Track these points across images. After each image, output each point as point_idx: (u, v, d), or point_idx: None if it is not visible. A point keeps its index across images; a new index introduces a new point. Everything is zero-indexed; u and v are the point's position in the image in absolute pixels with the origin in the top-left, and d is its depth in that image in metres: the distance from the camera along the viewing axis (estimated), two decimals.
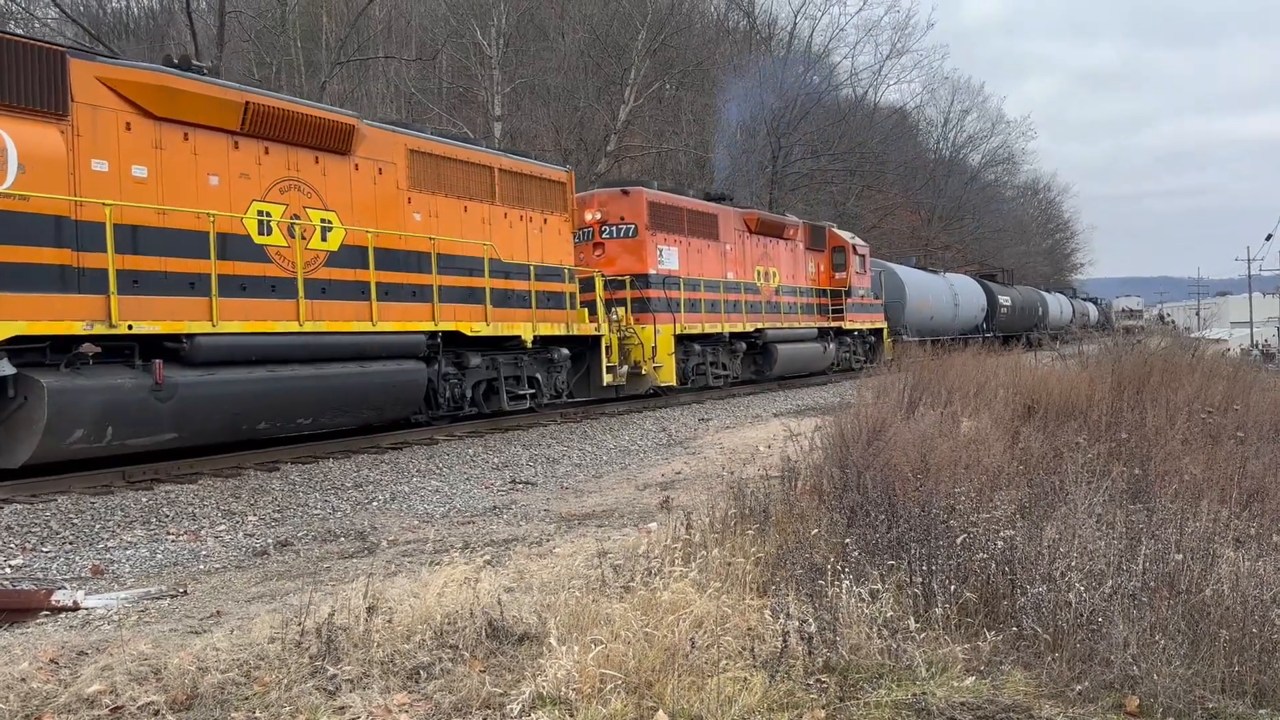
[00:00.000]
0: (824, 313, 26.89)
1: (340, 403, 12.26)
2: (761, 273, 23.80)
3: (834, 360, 27.28)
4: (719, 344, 21.53)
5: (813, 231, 27.35)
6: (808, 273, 26.58)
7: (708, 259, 21.42)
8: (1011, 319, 45.26)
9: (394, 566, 6.55)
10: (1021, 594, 4.52)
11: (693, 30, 44.43)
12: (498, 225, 15.40)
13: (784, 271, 25.07)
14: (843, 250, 28.17)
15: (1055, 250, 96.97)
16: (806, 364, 25.51)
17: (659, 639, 4.13)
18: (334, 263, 12.48)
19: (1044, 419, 9.93)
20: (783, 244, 25.11)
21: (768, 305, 23.82)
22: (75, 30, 28.72)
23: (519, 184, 16.05)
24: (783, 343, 23.77)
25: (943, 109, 69.32)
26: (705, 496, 8.33)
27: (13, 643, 4.80)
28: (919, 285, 35.47)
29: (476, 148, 15.85)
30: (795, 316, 25.21)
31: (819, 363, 26.19)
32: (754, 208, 26.30)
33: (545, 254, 16.39)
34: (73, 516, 8.62)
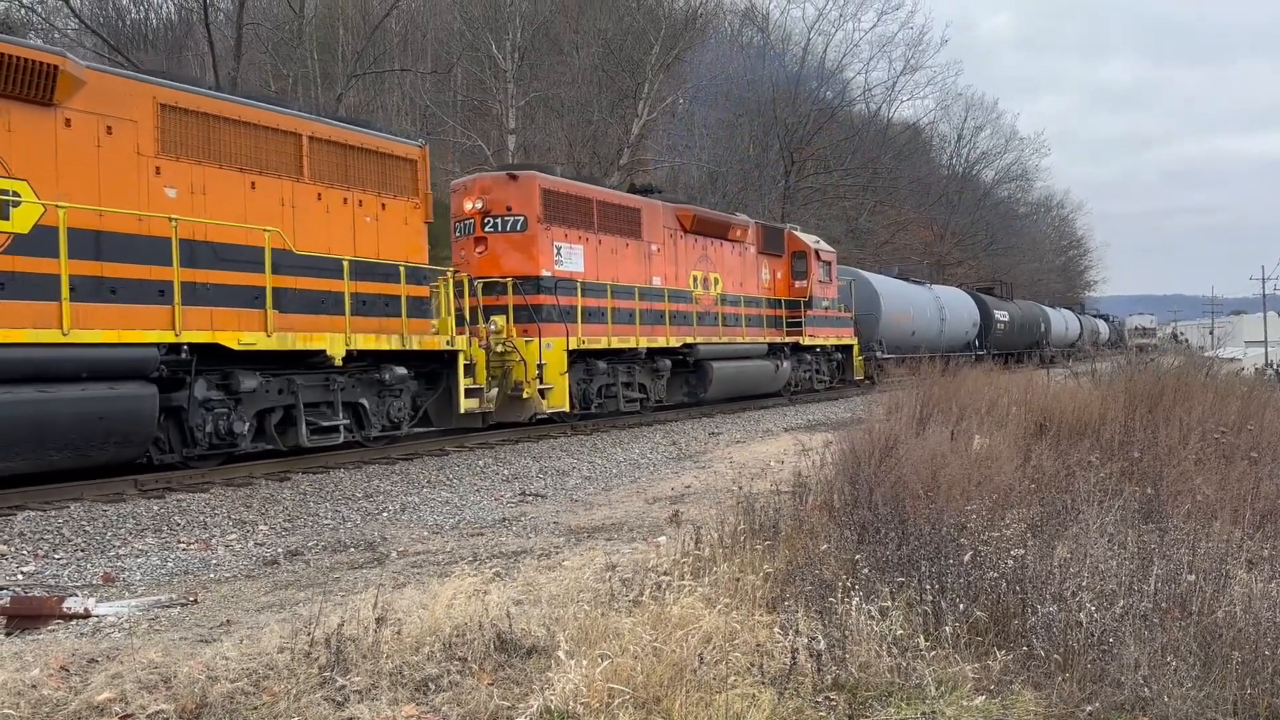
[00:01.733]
0: (780, 326, 23.55)
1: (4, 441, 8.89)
2: (699, 279, 20.64)
3: (789, 380, 23.91)
4: (635, 362, 18.31)
5: (767, 233, 23.96)
6: (761, 280, 23.34)
7: (626, 261, 18.27)
8: (1009, 335, 42.69)
9: (403, 578, 6.56)
10: (1032, 613, 4.50)
11: (707, 45, 44.56)
12: (305, 208, 12.04)
13: (730, 278, 21.83)
14: (803, 255, 24.82)
15: (1069, 267, 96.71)
16: (752, 385, 22.23)
17: (667, 654, 4.12)
18: (21, 249, 9.19)
19: (1056, 437, 9.89)
20: (728, 246, 21.89)
21: (705, 317, 20.63)
22: (94, 41, 29.01)
23: (343, 158, 12.68)
24: (720, 360, 20.44)
25: (956, 125, 69.35)
26: (715, 511, 8.31)
27: (24, 649, 4.82)
28: (897, 296, 32.31)
29: (276, 108, 12.26)
30: (741, 330, 21.84)
31: (769, 383, 22.82)
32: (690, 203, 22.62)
33: (381, 247, 13.04)
34: (85, 524, 8.66)
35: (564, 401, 15.86)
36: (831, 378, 26.58)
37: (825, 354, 26.15)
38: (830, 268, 26.15)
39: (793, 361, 24.04)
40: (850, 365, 27.29)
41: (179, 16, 41.60)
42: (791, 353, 23.98)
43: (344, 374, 12.45)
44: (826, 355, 26.27)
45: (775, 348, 23.12)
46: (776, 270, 24.21)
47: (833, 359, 26.63)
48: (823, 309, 25.51)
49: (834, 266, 26.53)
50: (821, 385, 25.96)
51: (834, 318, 26.36)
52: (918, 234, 57.98)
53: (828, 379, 26.38)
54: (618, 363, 17.82)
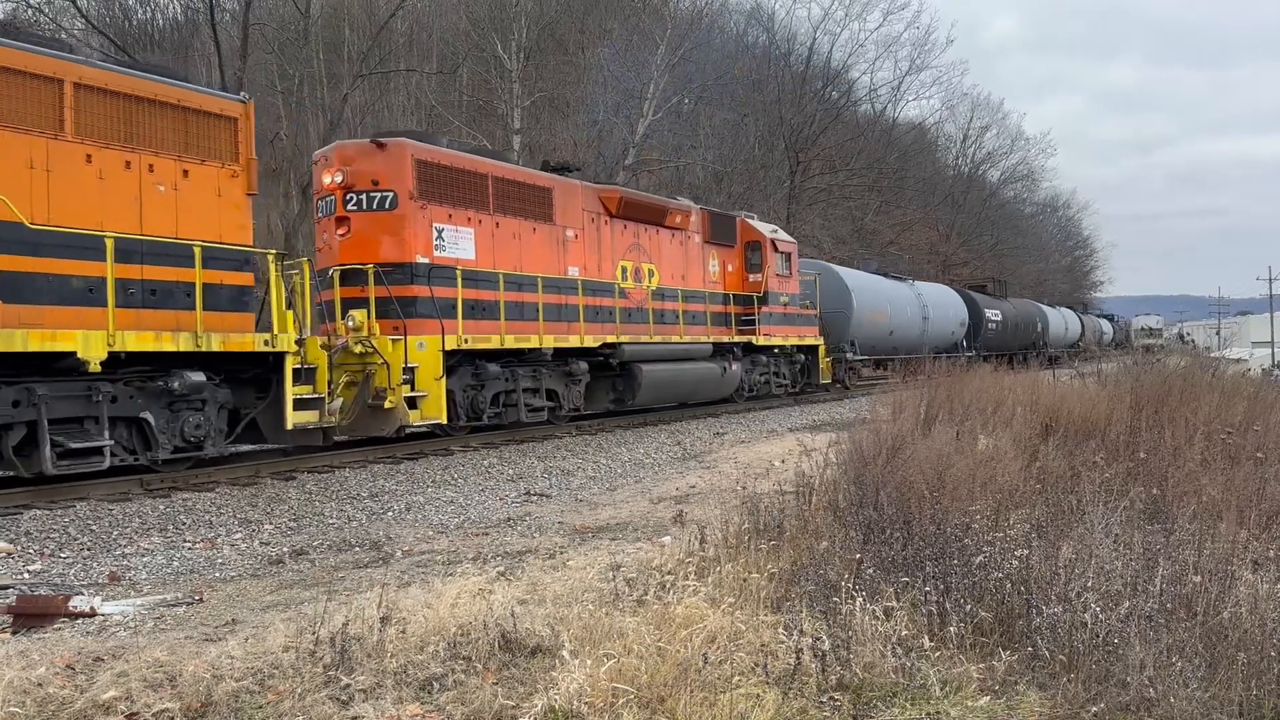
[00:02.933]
0: (731, 324, 21.22)
1: None
2: (629, 270, 18.28)
3: (740, 384, 21.67)
4: (542, 365, 15.99)
5: (715, 221, 21.46)
6: (708, 273, 20.96)
7: (533, 248, 15.90)
8: (1001, 336, 40.29)
9: (408, 577, 6.56)
10: (1037, 614, 4.49)
11: (712, 45, 44.55)
12: (67, 173, 9.76)
13: (668, 270, 19.43)
14: (758, 246, 22.44)
15: (1075, 268, 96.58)
16: (693, 389, 19.95)
17: (672, 654, 4.12)
18: None
19: (1062, 438, 9.88)
20: (667, 234, 19.49)
21: (635, 313, 18.28)
22: (101, 41, 29.08)
23: (127, 111, 10.34)
24: (651, 362, 18.04)
25: (962, 125, 69.35)
26: (719, 511, 8.30)
27: (30, 648, 4.84)
28: (872, 293, 29.66)
29: (25, 46, 9.81)
30: (679, 328, 19.37)
31: (714, 388, 20.53)
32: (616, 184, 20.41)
33: (182, 223, 10.65)
34: (91, 523, 8.69)
35: (440, 411, 13.37)
36: (794, 382, 24.26)
37: (785, 355, 23.79)
38: (790, 260, 23.68)
39: (746, 364, 21.79)
40: (816, 368, 24.92)
41: (185, 17, 41.70)
42: (744, 354, 21.75)
43: (115, 382, 10.03)
44: (787, 357, 23.87)
45: (723, 348, 20.75)
46: (727, 262, 21.81)
47: (795, 361, 24.22)
48: (781, 305, 22.98)
49: (794, 258, 24.04)
50: (781, 390, 23.57)
51: (795, 315, 23.85)
52: (923, 234, 57.94)
53: (789, 383, 23.97)
54: (519, 365, 15.45)
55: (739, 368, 21.28)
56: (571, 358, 16.63)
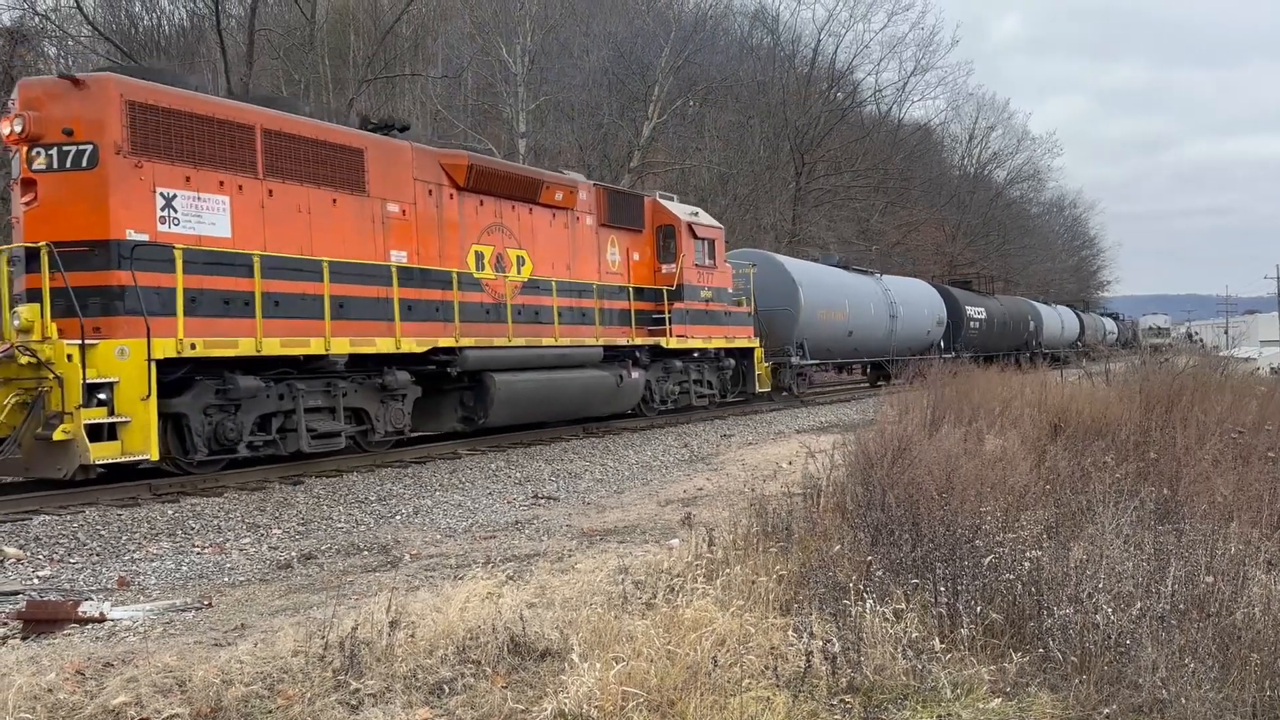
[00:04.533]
0: (634, 323, 17.79)
1: None
2: (488, 257, 14.87)
3: (650, 395, 18.55)
4: (336, 376, 12.27)
5: (615, 200, 18.05)
6: (606, 262, 17.57)
7: (331, 225, 12.26)
8: (987, 335, 37.02)
9: (416, 581, 6.56)
10: (1048, 615, 4.47)
11: (716, 47, 44.57)
12: None
13: (546, 257, 16.09)
14: (671, 231, 19.03)
15: (1081, 267, 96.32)
16: (575, 403, 16.42)
17: (681, 657, 4.11)
18: None
19: (1071, 438, 9.84)
20: (545, 215, 16.14)
21: (493, 310, 14.78)
22: (107, 48, 29.19)
23: None
24: (512, 371, 14.74)
25: (967, 125, 69.18)
26: (727, 513, 8.29)
27: (40, 653, 4.84)
28: (825, 288, 25.95)
29: None
30: (556, 328, 15.90)
31: (607, 401, 17.14)
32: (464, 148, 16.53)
33: None
34: (100, 528, 8.70)
35: (146, 443, 9.87)
36: (723, 390, 21.11)
37: (712, 360, 20.54)
38: (714, 248, 20.31)
39: (657, 371, 18.73)
40: (751, 374, 21.75)
41: (191, 23, 41.83)
42: (654, 359, 18.61)
43: None
44: (714, 362, 20.61)
45: (621, 352, 17.51)
46: (633, 250, 18.36)
47: (723, 367, 20.93)
48: (702, 301, 19.70)
49: (719, 246, 20.64)
50: (705, 401, 20.40)
51: (722, 313, 20.57)
52: (930, 234, 57.86)
53: (716, 392, 20.83)
54: (301, 379, 11.86)
55: (641, 376, 17.82)
56: (391, 367, 13.03)
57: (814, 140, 45.13)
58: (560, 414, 16.51)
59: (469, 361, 14.02)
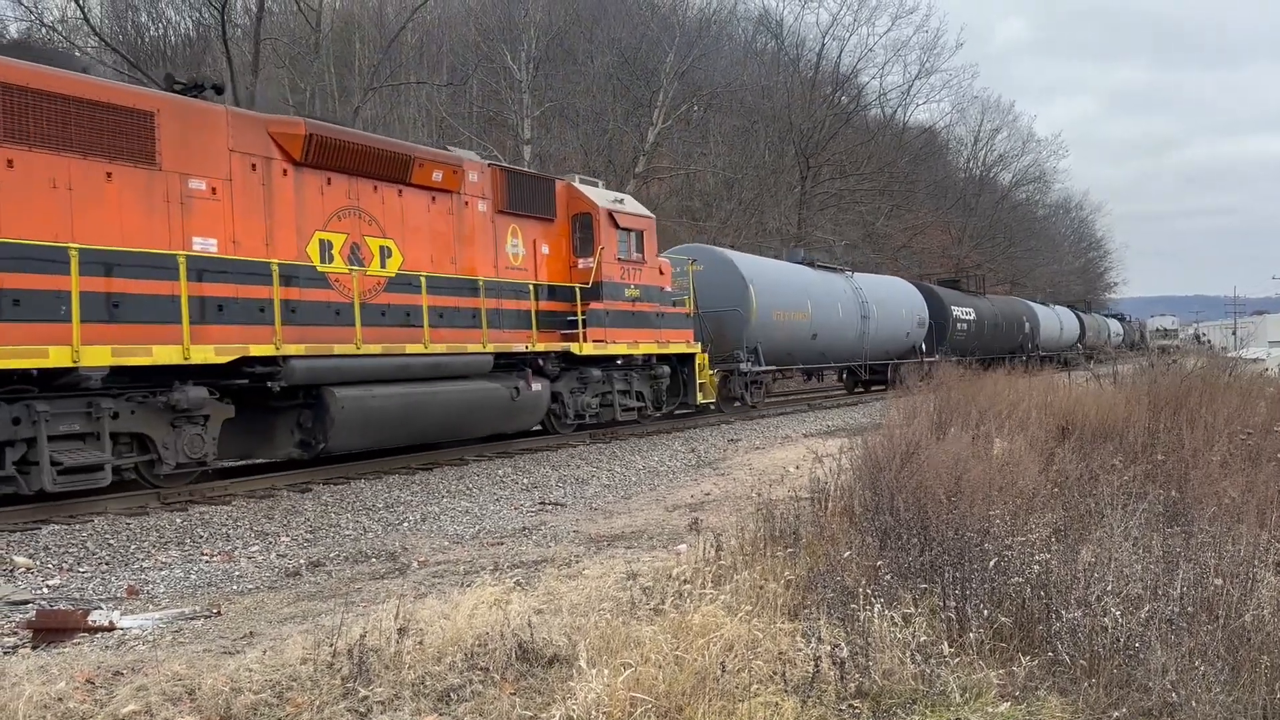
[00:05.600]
0: (537, 326, 15.26)
1: None
2: (339, 246, 12.32)
3: (561, 409, 16.14)
4: (98, 395, 9.88)
5: (517, 184, 15.42)
6: (505, 255, 15.07)
7: (102, 204, 9.99)
8: (976, 337, 34.45)
9: (424, 588, 6.57)
10: (1057, 619, 4.46)
11: (721, 52, 44.64)
12: None
13: (423, 248, 13.56)
14: (588, 220, 16.44)
15: (1088, 269, 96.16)
16: (453, 422, 13.75)
17: (689, 662, 4.11)
18: None
19: (1079, 440, 9.82)
20: (421, 198, 13.61)
21: (343, 311, 12.14)
22: (114, 58, 29.33)
23: None
24: (364, 385, 12.19)
25: (972, 128, 69.23)
26: (735, 518, 8.29)
27: (50, 662, 4.86)
28: (782, 286, 23.45)
29: None
30: (434, 331, 13.37)
31: (499, 417, 14.45)
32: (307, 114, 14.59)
33: None
34: (109, 537, 8.73)
35: None
36: (656, 403, 18.47)
37: (642, 368, 17.96)
38: (642, 240, 17.61)
39: (572, 380, 16.29)
40: (692, 383, 19.06)
41: (197, 32, 42.03)
42: (567, 367, 16.13)
43: None
44: (644, 370, 18.02)
45: (521, 360, 15.02)
46: (542, 241, 15.84)
47: (657, 375, 18.30)
48: (627, 301, 17.17)
49: (649, 238, 17.89)
50: (632, 415, 17.70)
51: (654, 314, 17.93)
52: (936, 237, 57.85)
53: (646, 404, 18.10)
54: (42, 400, 9.42)
55: (545, 387, 15.35)
56: (186, 381, 10.55)
57: (819, 144, 45.16)
58: (434, 434, 13.71)
59: (297, 374, 11.38)
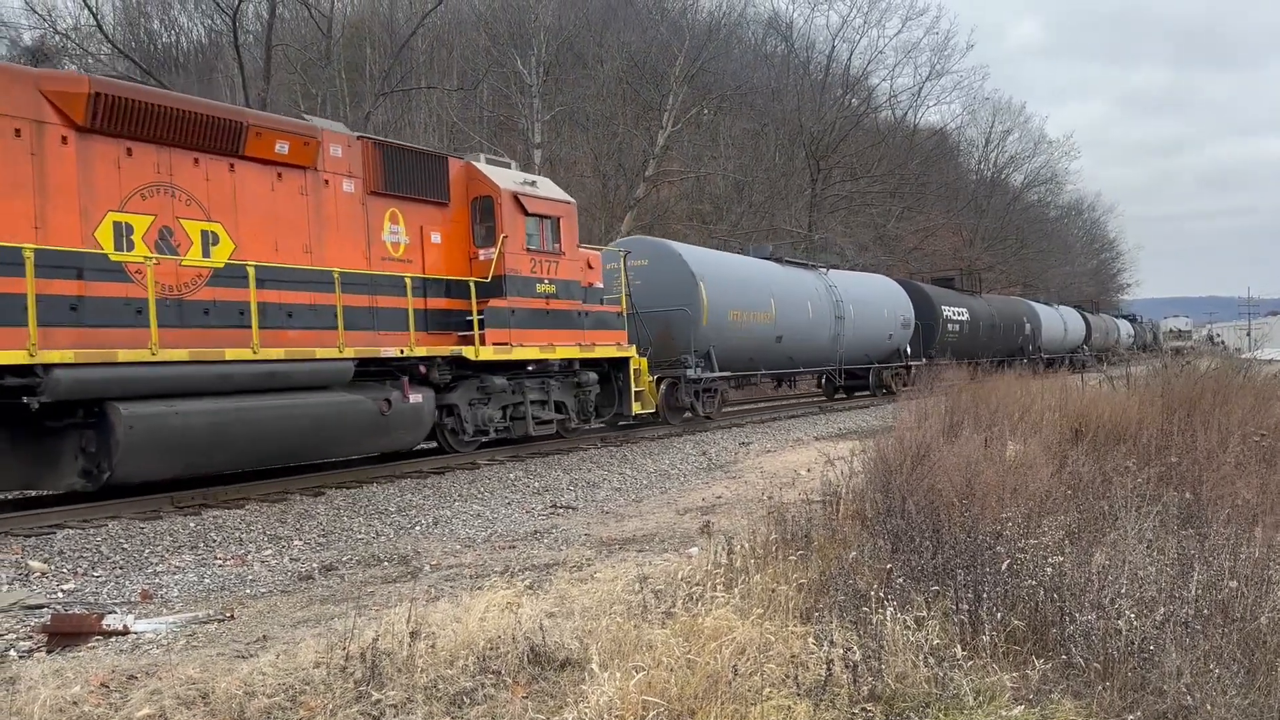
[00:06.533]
0: (432, 326, 13.35)
1: None
2: (142, 231, 10.27)
3: (457, 424, 14.03)
4: None
5: (394, 161, 13.09)
6: (380, 244, 12.84)
7: None
8: (970, 339, 32.21)
9: (436, 591, 6.58)
10: (1071, 621, 4.45)
11: (731, 55, 44.65)
12: None
13: (264, 234, 11.40)
14: (489, 205, 14.14)
15: (1101, 270, 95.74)
16: (297, 442, 11.53)
17: (701, 666, 4.11)
18: None
19: (1092, 443, 9.78)
20: (257, 173, 11.41)
21: (144, 311, 9.97)
22: (126, 64, 29.51)
23: None
24: (164, 399, 10.05)
25: (984, 129, 69.00)
26: (746, 521, 8.29)
27: (65, 666, 4.88)
28: (739, 283, 20.95)
29: None
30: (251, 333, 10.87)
31: (360, 435, 12.26)
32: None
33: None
34: (123, 541, 8.77)
35: None
36: (583, 412, 16.16)
37: (564, 375, 15.75)
38: (558, 228, 15.25)
39: (471, 389, 14.06)
40: (627, 391, 16.76)
41: (209, 39, 42.28)
42: (464, 374, 13.96)
43: None
44: (567, 377, 15.81)
45: (397, 367, 12.88)
46: (432, 229, 13.65)
47: (583, 383, 16.03)
48: (539, 298, 14.90)
49: (568, 226, 15.51)
50: (550, 428, 15.39)
51: (574, 314, 15.60)
52: (947, 239, 57.70)
53: (570, 416, 15.86)
54: None
55: (427, 399, 13.09)
56: None
57: (829, 146, 45.12)
58: (270, 456, 11.47)
59: (63, 386, 9.24)
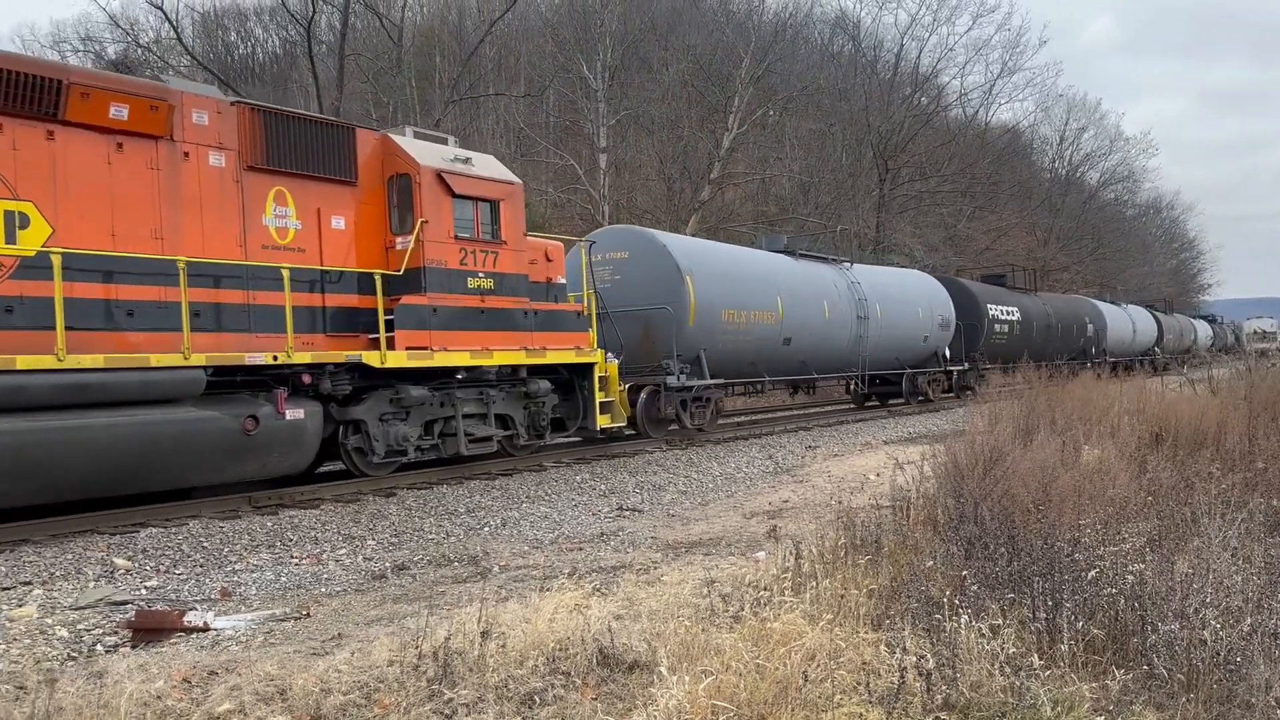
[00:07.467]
0: (330, 326, 11.52)
1: None
2: None
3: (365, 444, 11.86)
4: None
5: (282, 131, 11.19)
6: (265, 229, 11.00)
7: None
8: (1021, 340, 29.43)
9: (505, 591, 6.64)
10: (1152, 631, 4.32)
11: (797, 56, 44.36)
12: None
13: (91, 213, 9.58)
14: (406, 185, 12.15)
15: (1180, 270, 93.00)
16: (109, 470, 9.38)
17: (771, 671, 4.08)
18: None
19: (1173, 447, 9.50)
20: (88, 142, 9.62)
21: None
22: (205, 75, 30.39)
23: None
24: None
25: (1058, 127, 67.51)
26: (814, 526, 8.21)
27: (149, 661, 5.03)
28: (735, 279, 18.50)
29: None
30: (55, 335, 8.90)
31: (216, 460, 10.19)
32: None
33: None
34: (203, 540, 9.02)
35: None
36: (536, 428, 14.03)
37: (509, 384, 13.57)
38: (497, 212, 13.08)
39: (383, 402, 11.94)
40: (591, 402, 14.53)
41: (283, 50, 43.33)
42: (373, 384, 11.81)
43: None
44: (513, 387, 13.63)
45: (273, 377, 10.84)
46: (333, 212, 11.68)
47: (534, 394, 13.80)
48: (471, 295, 12.75)
49: (510, 210, 13.30)
50: (486, 448, 13.23)
51: (518, 313, 13.47)
52: (1021, 239, 56.54)
53: (518, 432, 13.74)
54: None
55: (312, 414, 11.03)
56: None
57: (898, 146, 44.55)
58: (99, 486, 9.52)
59: None
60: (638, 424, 16.43)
